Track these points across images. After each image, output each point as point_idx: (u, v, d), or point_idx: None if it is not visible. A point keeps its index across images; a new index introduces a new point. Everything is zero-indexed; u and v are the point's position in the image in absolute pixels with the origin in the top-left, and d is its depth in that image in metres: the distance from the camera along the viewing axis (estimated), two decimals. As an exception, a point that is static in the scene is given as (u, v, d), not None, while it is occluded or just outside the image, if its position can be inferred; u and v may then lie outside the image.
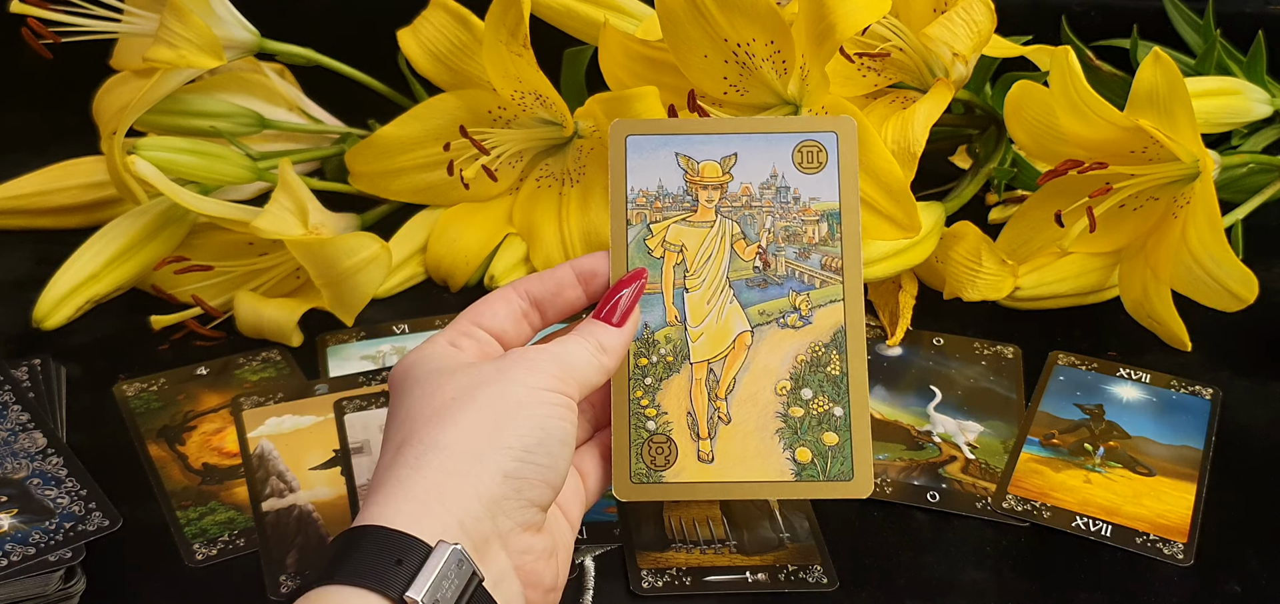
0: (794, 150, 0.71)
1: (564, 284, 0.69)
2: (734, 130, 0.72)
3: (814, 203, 0.71)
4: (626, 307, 0.67)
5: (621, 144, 0.71)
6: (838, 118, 0.72)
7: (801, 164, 0.71)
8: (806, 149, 0.71)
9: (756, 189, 0.71)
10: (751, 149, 0.71)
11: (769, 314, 0.69)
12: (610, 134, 0.72)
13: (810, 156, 0.71)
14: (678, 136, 0.72)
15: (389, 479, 0.59)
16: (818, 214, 0.70)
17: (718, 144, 0.71)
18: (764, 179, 0.71)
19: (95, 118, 0.99)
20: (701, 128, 0.72)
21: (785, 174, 0.71)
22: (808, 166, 0.71)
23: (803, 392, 0.68)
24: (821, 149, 0.71)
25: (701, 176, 0.71)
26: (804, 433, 0.68)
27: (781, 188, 0.71)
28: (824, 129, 0.71)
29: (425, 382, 0.63)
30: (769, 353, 0.69)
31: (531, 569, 0.61)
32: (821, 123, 0.72)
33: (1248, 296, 0.81)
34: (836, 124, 0.72)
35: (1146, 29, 1.02)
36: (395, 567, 0.56)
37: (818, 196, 0.71)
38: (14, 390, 0.82)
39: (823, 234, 0.70)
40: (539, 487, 0.60)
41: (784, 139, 0.71)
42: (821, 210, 0.70)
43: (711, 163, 0.71)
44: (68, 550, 0.69)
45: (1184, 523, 0.74)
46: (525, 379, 0.62)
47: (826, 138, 0.71)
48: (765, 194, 0.71)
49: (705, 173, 0.71)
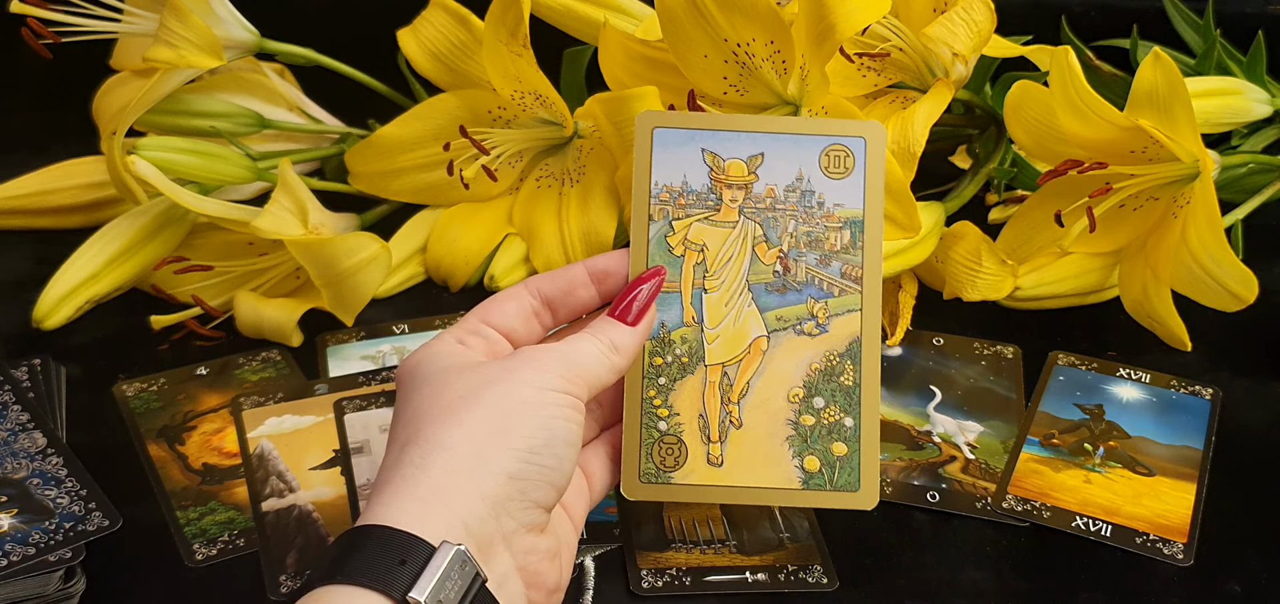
0: (821, 154, 0.70)
1: (576, 283, 0.68)
2: (762, 129, 0.71)
3: (838, 209, 0.70)
4: (643, 305, 0.67)
5: (648, 136, 0.70)
6: (867, 123, 0.71)
7: (828, 168, 0.70)
8: (834, 153, 0.70)
9: (781, 191, 0.70)
10: (779, 150, 0.70)
11: (786, 320, 0.69)
12: (636, 126, 0.70)
13: (837, 161, 0.70)
14: (705, 132, 0.70)
15: (393, 478, 0.59)
16: (841, 221, 0.70)
17: (745, 142, 0.70)
18: (789, 181, 0.70)
19: (95, 118, 0.99)
20: (729, 124, 0.71)
21: (811, 178, 0.70)
22: (834, 171, 0.70)
23: (815, 400, 0.68)
24: (849, 154, 0.70)
25: (727, 175, 0.70)
26: (814, 442, 0.68)
27: (806, 191, 0.70)
28: (853, 134, 0.70)
29: (432, 380, 0.62)
30: (784, 359, 0.69)
31: (535, 570, 0.61)
32: (851, 127, 0.71)
33: (1248, 296, 0.81)
34: (866, 129, 0.70)
35: (1146, 29, 1.02)
36: (398, 567, 0.55)
37: (842, 203, 0.70)
38: (14, 390, 0.82)
39: (845, 242, 0.69)
40: (544, 488, 0.60)
41: (812, 141, 0.70)
42: (845, 217, 0.70)
43: (737, 161, 0.70)
44: (68, 550, 0.69)
45: (1184, 523, 0.74)
46: (532, 379, 0.61)
47: (855, 143, 0.70)
48: (790, 197, 0.70)
49: (731, 171, 0.70)
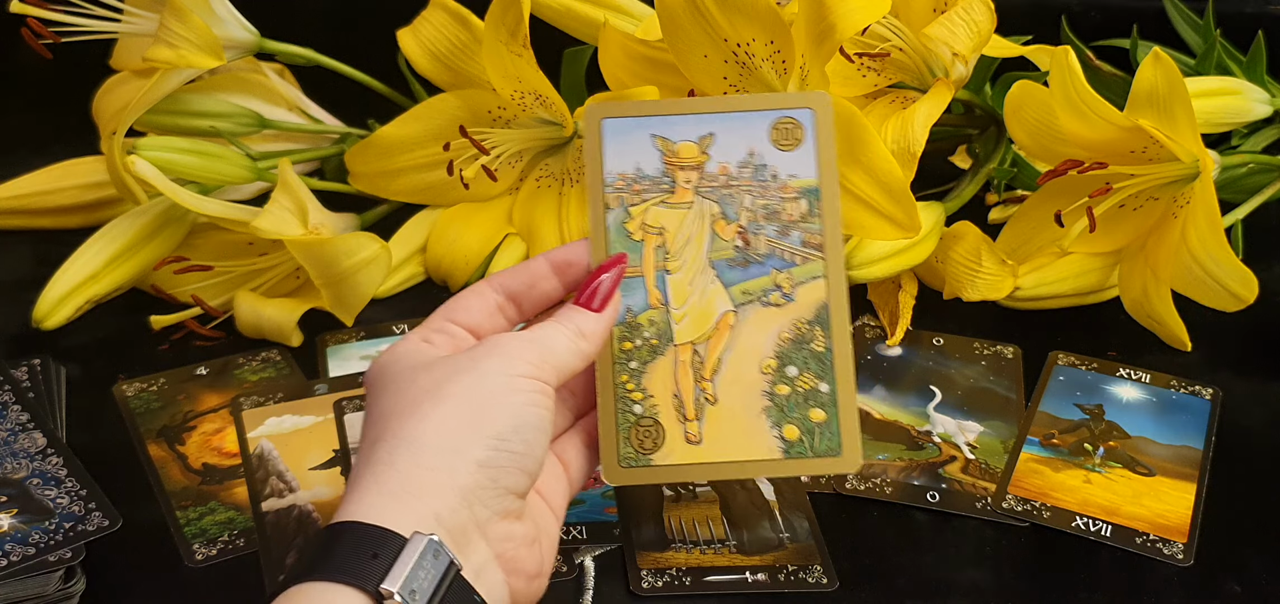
0: (770, 128, 0.70)
1: (539, 276, 0.68)
2: (710, 110, 0.71)
3: (792, 180, 0.70)
4: (606, 292, 0.67)
5: (597, 128, 0.71)
6: (813, 94, 0.71)
7: (778, 141, 0.70)
8: (783, 126, 0.70)
9: (734, 168, 0.70)
10: (728, 128, 0.71)
11: (752, 293, 0.69)
12: (586, 118, 0.71)
13: (786, 134, 0.70)
14: (653, 118, 0.71)
15: (363, 477, 0.59)
16: (796, 191, 0.70)
17: (694, 124, 0.71)
18: (742, 158, 0.70)
19: (95, 118, 0.99)
20: (677, 108, 0.72)
21: (763, 152, 0.70)
22: (784, 144, 0.70)
23: (788, 369, 0.68)
24: (798, 126, 0.70)
25: (679, 157, 0.70)
26: (790, 410, 0.68)
27: (759, 166, 0.70)
28: (799, 105, 0.71)
29: (398, 378, 0.62)
30: (753, 332, 0.69)
31: (513, 557, 0.61)
32: (797, 99, 0.71)
33: (1248, 296, 0.81)
34: (812, 100, 0.71)
35: (1146, 29, 1.02)
36: (371, 560, 0.56)
37: (796, 174, 0.70)
38: (14, 390, 0.82)
39: (802, 211, 0.70)
40: (515, 474, 0.60)
41: (760, 117, 0.71)
42: (800, 188, 0.70)
43: (688, 143, 0.71)
44: (68, 550, 0.69)
45: (1184, 523, 0.74)
46: (499, 367, 0.61)
47: (803, 114, 0.71)
48: (743, 173, 0.70)
49: (682, 153, 0.70)
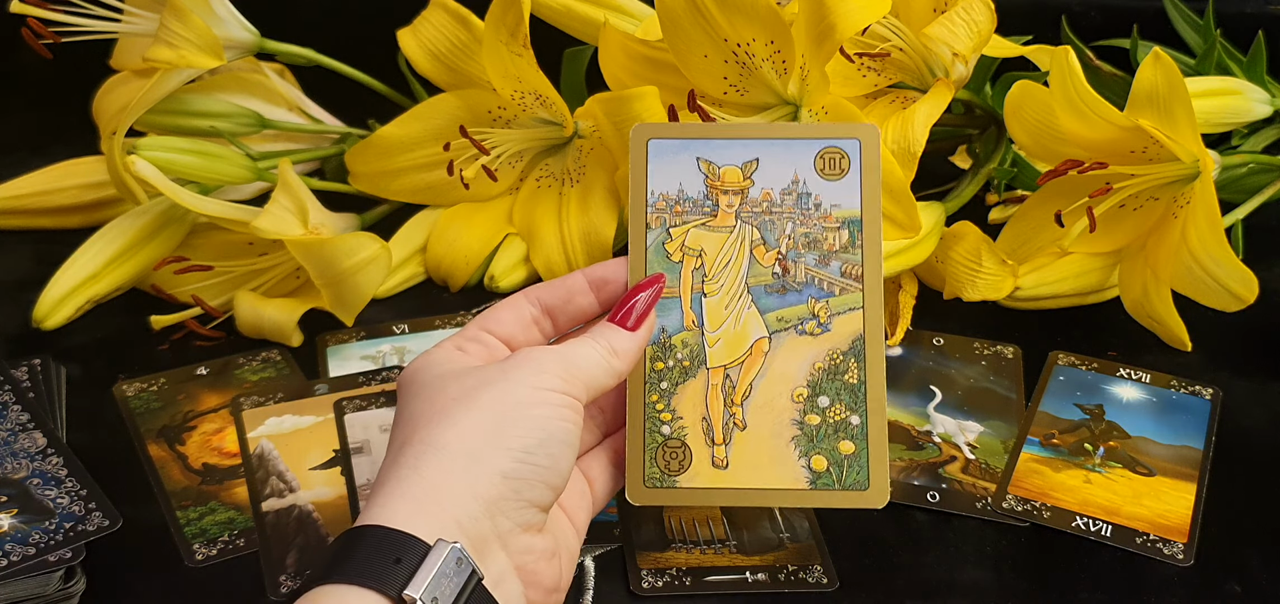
0: (816, 156, 0.70)
1: (575, 291, 0.68)
2: (756, 135, 0.71)
3: (835, 210, 0.70)
4: (642, 311, 0.67)
5: (643, 147, 0.71)
6: (861, 125, 0.71)
7: (824, 171, 0.70)
8: (829, 155, 0.70)
9: (777, 195, 0.70)
10: (773, 154, 0.71)
11: (787, 321, 0.69)
12: (631, 138, 0.71)
13: (832, 163, 0.70)
14: (699, 140, 0.71)
15: (389, 480, 0.59)
16: (838, 221, 0.70)
17: (739, 149, 0.71)
18: (785, 185, 0.70)
19: (95, 118, 0.99)
20: (723, 132, 0.72)
21: (807, 180, 0.70)
22: (830, 173, 0.70)
23: (820, 399, 0.68)
24: (844, 156, 0.70)
25: (722, 181, 0.71)
26: (820, 441, 0.68)
27: (803, 194, 0.70)
28: (847, 136, 0.71)
29: (430, 384, 0.63)
30: (786, 359, 0.69)
31: (532, 569, 0.61)
32: (844, 130, 0.71)
33: (1248, 296, 0.81)
34: (859, 131, 0.71)
35: (1146, 29, 1.02)
36: (394, 565, 0.56)
37: (839, 203, 0.70)
38: (14, 390, 0.82)
39: (843, 241, 0.70)
40: (539, 487, 0.60)
41: (806, 145, 0.71)
42: (842, 217, 0.70)
43: (732, 168, 0.71)
44: (68, 550, 0.69)
45: (1184, 523, 0.74)
46: (529, 379, 0.62)
47: (849, 144, 0.71)
48: (786, 200, 0.70)
49: (726, 178, 0.71)
